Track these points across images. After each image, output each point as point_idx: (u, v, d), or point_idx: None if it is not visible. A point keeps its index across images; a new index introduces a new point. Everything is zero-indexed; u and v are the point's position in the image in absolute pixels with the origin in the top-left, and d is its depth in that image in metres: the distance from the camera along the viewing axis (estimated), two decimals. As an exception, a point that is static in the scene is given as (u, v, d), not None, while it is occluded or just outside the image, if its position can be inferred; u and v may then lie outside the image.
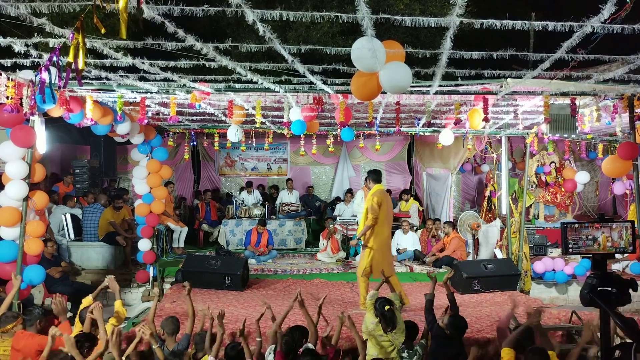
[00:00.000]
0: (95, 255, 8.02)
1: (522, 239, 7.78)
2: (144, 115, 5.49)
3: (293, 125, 6.00)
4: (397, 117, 6.11)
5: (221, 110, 6.52)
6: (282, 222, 10.17)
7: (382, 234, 5.97)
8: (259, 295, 6.85)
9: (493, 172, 10.38)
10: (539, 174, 10.18)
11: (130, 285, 7.58)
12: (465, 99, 5.65)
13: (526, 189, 8.14)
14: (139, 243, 7.46)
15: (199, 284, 7.02)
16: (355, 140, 9.20)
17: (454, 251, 8.51)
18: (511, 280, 7.29)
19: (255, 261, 8.69)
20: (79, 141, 10.56)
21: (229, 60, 4.13)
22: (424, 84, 5.01)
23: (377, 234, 5.93)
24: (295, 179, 12.14)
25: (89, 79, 4.95)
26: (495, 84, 5.17)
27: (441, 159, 11.29)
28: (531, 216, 10.20)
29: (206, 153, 12.49)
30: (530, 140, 7.48)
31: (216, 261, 7.24)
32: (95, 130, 6.19)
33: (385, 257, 6.00)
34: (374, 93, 3.73)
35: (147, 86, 4.98)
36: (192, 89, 5.07)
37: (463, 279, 7.04)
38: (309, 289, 7.23)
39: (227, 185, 12.61)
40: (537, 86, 5.08)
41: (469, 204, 12.07)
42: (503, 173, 8.25)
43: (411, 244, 9.12)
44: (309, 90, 5.07)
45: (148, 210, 7.37)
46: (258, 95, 5.40)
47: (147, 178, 7.33)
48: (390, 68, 3.46)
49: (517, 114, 6.40)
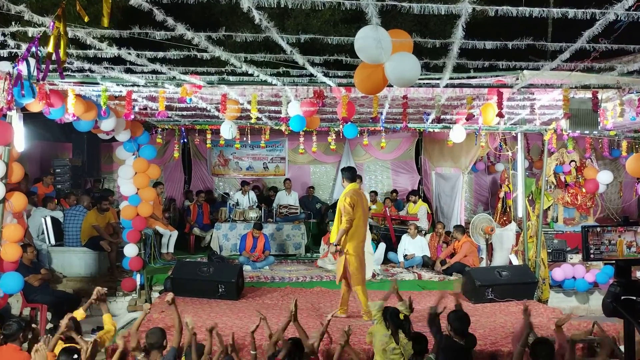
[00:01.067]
0: (78, 261, 8.01)
1: (539, 244, 7.77)
2: (130, 110, 5.49)
3: (291, 121, 6.00)
4: (404, 112, 6.11)
5: (214, 104, 6.52)
6: (279, 225, 10.17)
7: (357, 237, 6.02)
8: (254, 304, 6.85)
9: (508, 172, 10.37)
10: (557, 174, 10.17)
11: (116, 294, 7.57)
12: (478, 93, 5.65)
13: (544, 189, 8.14)
14: (125, 248, 7.46)
15: (189, 293, 7.02)
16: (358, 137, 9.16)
17: (466, 257, 8.51)
18: (528, 289, 7.29)
19: (250, 268, 8.69)
20: (60, 138, 10.56)
21: (223, 50, 4.13)
22: (433, 76, 5.01)
23: (351, 237, 5.98)
24: (294, 179, 12.14)
25: (70, 71, 4.94)
26: (511, 77, 5.17)
27: (452, 157, 11.27)
28: (549, 219, 10.18)
29: (198, 151, 12.48)
30: (549, 137, 7.47)
31: (208, 268, 7.24)
32: (77, 127, 6.19)
33: (362, 262, 6.09)
34: (380, 86, 3.73)
35: (134, 79, 4.98)
36: (183, 82, 5.07)
37: (475, 287, 7.04)
38: (308, 298, 7.24)
39: (221, 186, 12.62)
40: (556, 78, 5.07)
41: (482, 206, 12.05)
42: (519, 173, 8.24)
43: (419, 250, 9.12)
44: (309, 83, 5.07)
45: (135, 213, 7.37)
46: (254, 88, 5.40)
47: (133, 178, 7.33)
48: (396, 59, 3.45)
49: (534, 108, 6.39)
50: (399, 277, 8.28)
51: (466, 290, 7.31)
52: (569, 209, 10.23)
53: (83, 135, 9.37)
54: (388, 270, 8.77)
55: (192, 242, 10.33)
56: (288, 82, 5.03)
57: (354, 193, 6.04)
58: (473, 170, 11.67)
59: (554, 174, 10.14)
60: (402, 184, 12.52)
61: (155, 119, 7.57)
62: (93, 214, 8.08)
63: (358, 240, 6.04)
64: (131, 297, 7.56)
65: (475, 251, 8.70)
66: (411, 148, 12.64)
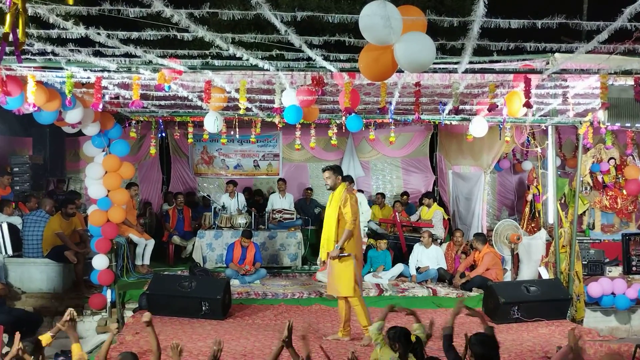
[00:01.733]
0: (39, 274, 8.00)
1: (573, 255, 7.78)
2: (99, 100, 5.49)
3: (286, 112, 6.00)
4: (417, 102, 6.11)
5: (196, 93, 6.53)
6: (272, 233, 10.17)
7: (359, 240, 6.44)
8: (243, 325, 6.84)
9: (537, 171, 10.39)
10: (594, 173, 10.18)
11: (83, 313, 7.57)
12: (503, 79, 5.65)
13: (578, 191, 8.14)
14: (94, 260, 7.46)
15: (168, 311, 7.01)
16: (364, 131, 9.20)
17: (488, 270, 8.51)
18: (560, 307, 7.30)
19: (239, 282, 8.70)
20: (18, 132, 10.53)
21: (207, 30, 4.13)
22: (450, 60, 5.02)
23: (357, 240, 6.31)
24: (289, 179, 12.15)
25: (30, 55, 4.94)
26: (540, 61, 5.17)
27: (472, 154, 11.29)
28: (584, 226, 10.19)
29: (177, 147, 12.50)
30: (584, 130, 7.47)
31: (190, 283, 7.24)
32: (38, 119, 6.18)
33: (360, 264, 6.41)
34: (388, 71, 3.73)
35: (104, 63, 4.98)
36: (160, 67, 5.07)
37: (499, 304, 7.04)
38: (306, 317, 7.24)
39: (204, 187, 12.62)
40: (593, 63, 5.08)
41: (507, 210, 12.07)
42: (550, 172, 8.25)
43: (434, 261, 9.13)
44: (307, 68, 5.07)
45: (105, 219, 7.37)
46: (242, 74, 5.40)
47: (103, 178, 7.33)
48: (408, 40, 3.46)
49: (567, 97, 6.40)
50: (411, 293, 8.29)
51: (488, 309, 7.31)
52: (608, 214, 10.23)
53: (45, 128, 9.36)
54: (398, 285, 8.77)
55: (171, 252, 10.32)
56: (282, 67, 5.03)
57: (350, 192, 6.34)
58: (496, 169, 11.69)
59: (589, 174, 10.14)
60: (414, 185, 12.54)
61: (128, 109, 7.57)
62: (56, 220, 8.07)
63: (358, 240, 6.33)
64: (100, 317, 7.54)
65: (499, 263, 8.70)
66: (424, 143, 12.66)
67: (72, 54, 4.88)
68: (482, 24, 3.83)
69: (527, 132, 9.69)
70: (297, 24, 4.10)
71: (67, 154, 11.24)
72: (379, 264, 9.30)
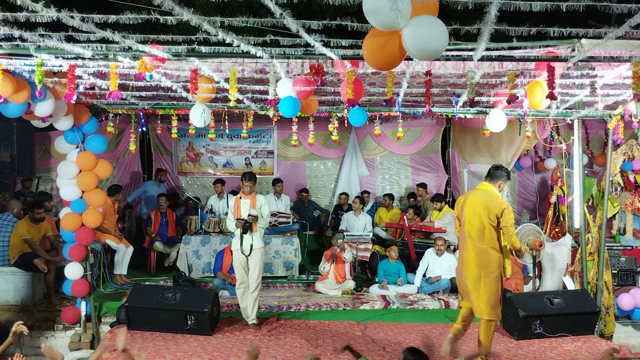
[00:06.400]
0: (5, 285, 8.02)
1: (601, 263, 7.79)
2: (72, 90, 5.49)
3: (281, 104, 6.00)
4: (427, 93, 6.11)
5: (181, 83, 6.53)
6: (266, 239, 10.16)
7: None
8: (233, 341, 6.84)
9: (561, 170, 10.39)
10: (625, 172, 10.19)
11: (54, 328, 7.58)
12: (523, 68, 5.65)
13: (608, 192, 8.15)
14: (66, 268, 7.46)
15: (149, 326, 7.02)
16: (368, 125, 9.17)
17: (507, 279, 8.52)
18: (587, 320, 7.30)
19: (228, 293, 8.70)
20: (-19, 126, 10.56)
21: (193, 13, 4.13)
22: (464, 46, 5.02)
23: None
24: (285, 178, 12.17)
25: (-5, 40, 4.95)
26: (565, 47, 5.18)
27: (489, 151, 11.29)
28: (614, 231, 10.21)
29: (160, 143, 12.51)
30: (614, 125, 7.48)
31: (174, 294, 7.24)
32: (4, 112, 6.18)
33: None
34: (395, 59, 3.73)
35: (78, 50, 4.98)
36: (141, 54, 5.07)
37: (519, 318, 7.05)
38: (303, 332, 7.24)
39: (190, 188, 12.63)
40: (624, 50, 5.09)
41: (528, 213, 12.08)
42: (576, 171, 8.25)
43: (447, 270, 9.12)
44: (304, 55, 5.07)
45: (79, 223, 7.37)
46: (233, 62, 5.40)
47: (77, 178, 7.33)
48: (417, 24, 3.46)
49: (595, 88, 6.40)
50: (421, 306, 8.30)
51: (507, 323, 7.32)
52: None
53: (12, 122, 9.37)
54: (406, 297, 8.76)
55: (152, 260, 10.33)
56: (277, 54, 5.03)
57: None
58: (516, 168, 11.69)
59: (620, 173, 10.15)
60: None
61: (105, 101, 7.57)
62: (24, 225, 8.07)
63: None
64: (74, 332, 7.55)
65: (519, 272, 8.72)
66: (436, 139, 12.67)
67: (43, 39, 4.88)
68: (501, 6, 3.84)
69: (550, 126, 9.69)
70: (293, 6, 4.10)
71: (36, 150, 11.22)
72: (394, 277, 9.22)
